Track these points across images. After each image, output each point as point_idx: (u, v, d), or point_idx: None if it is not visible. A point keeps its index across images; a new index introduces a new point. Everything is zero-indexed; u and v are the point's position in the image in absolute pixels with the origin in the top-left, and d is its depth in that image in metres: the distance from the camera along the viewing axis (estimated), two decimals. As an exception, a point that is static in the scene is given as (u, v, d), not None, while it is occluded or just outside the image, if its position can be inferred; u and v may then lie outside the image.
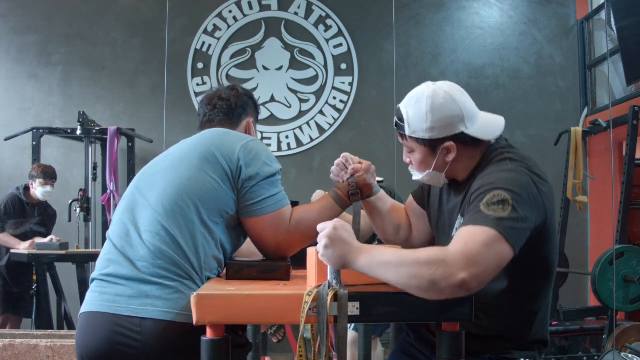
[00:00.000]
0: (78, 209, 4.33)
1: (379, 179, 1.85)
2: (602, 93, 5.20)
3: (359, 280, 1.28)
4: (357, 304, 1.19)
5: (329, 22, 5.35)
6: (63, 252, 3.84)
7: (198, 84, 5.30)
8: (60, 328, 3.94)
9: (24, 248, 4.03)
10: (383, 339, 3.56)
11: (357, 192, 1.63)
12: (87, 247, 4.45)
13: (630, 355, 3.09)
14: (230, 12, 5.34)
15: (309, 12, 5.35)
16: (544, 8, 5.37)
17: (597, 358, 3.65)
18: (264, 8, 5.35)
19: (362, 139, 5.26)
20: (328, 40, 5.34)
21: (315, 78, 5.32)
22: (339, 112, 5.31)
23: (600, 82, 5.21)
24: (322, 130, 5.31)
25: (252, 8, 5.35)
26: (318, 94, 5.32)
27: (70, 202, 4.35)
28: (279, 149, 5.26)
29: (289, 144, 5.30)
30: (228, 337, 1.22)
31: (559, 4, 5.37)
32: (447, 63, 5.34)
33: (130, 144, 4.96)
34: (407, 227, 1.75)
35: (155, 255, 1.39)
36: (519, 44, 5.35)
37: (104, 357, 1.37)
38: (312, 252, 1.33)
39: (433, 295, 1.17)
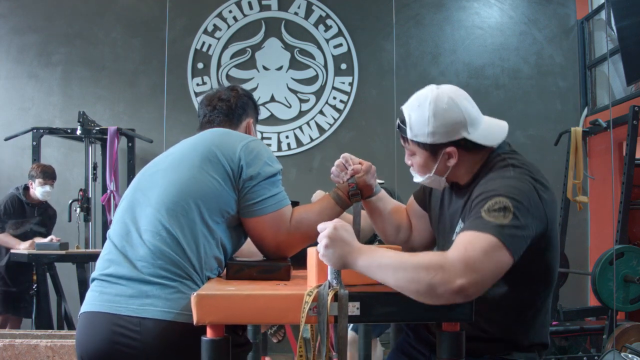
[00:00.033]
0: (78, 209, 4.33)
1: (380, 181, 1.84)
2: (602, 93, 5.20)
3: (359, 280, 1.28)
4: (357, 304, 1.19)
5: (329, 22, 5.35)
6: (63, 252, 3.84)
7: (198, 84, 5.30)
8: (60, 328, 3.94)
9: (24, 248, 4.02)
10: (383, 339, 3.55)
11: (357, 192, 1.63)
12: (87, 247, 4.45)
13: (630, 356, 3.09)
14: (230, 12, 5.33)
15: (309, 12, 5.35)
16: (544, 8, 5.37)
17: (597, 358, 3.65)
18: (264, 8, 5.35)
19: (362, 139, 5.26)
20: (328, 40, 5.34)
21: (315, 78, 5.32)
22: (339, 112, 5.31)
23: (600, 82, 5.21)
24: (322, 130, 5.30)
25: (252, 8, 5.35)
26: (318, 94, 5.32)
27: (70, 202, 4.35)
28: (279, 149, 5.26)
29: (289, 144, 5.30)
30: (228, 337, 1.21)
31: (559, 4, 5.37)
32: (447, 63, 5.34)
33: (130, 144, 4.96)
34: (407, 227, 1.75)
35: (155, 255, 1.39)
36: (519, 44, 5.35)
37: (104, 356, 1.37)
38: (312, 252, 1.33)
39: (431, 300, 1.18)
